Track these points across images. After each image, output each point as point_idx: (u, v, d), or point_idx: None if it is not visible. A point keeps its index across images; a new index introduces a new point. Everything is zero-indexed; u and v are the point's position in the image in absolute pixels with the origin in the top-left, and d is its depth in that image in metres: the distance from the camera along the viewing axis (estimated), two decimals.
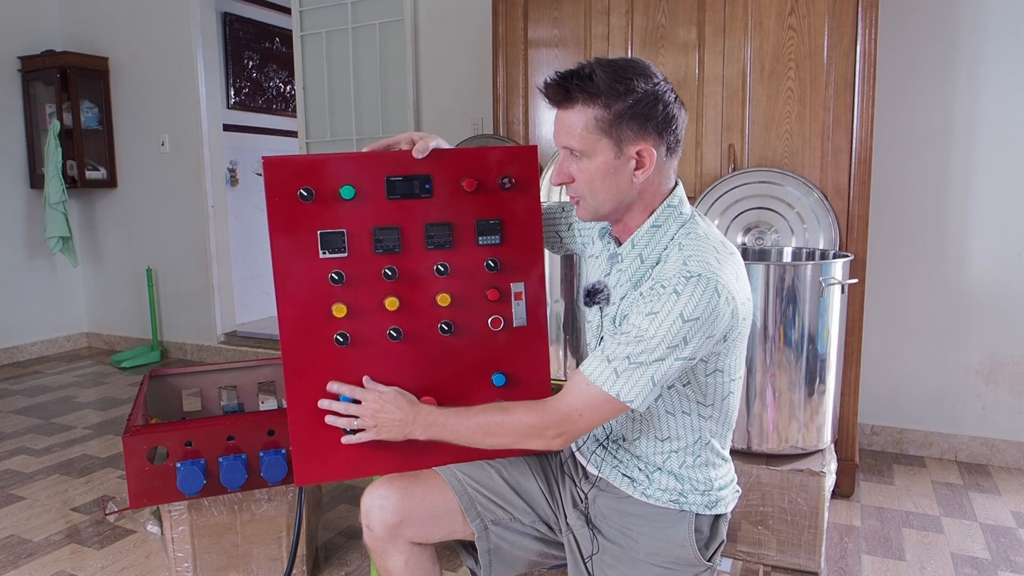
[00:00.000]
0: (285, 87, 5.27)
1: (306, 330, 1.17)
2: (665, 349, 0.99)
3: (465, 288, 1.22)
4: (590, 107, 1.04)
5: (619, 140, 1.04)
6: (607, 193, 1.08)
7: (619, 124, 1.03)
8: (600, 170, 1.06)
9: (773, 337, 1.90)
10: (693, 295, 0.98)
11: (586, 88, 1.03)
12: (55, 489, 2.44)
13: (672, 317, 0.98)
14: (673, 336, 0.98)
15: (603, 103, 1.03)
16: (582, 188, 1.09)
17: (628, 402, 1.01)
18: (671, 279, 1.00)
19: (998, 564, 1.92)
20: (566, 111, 1.06)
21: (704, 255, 1.02)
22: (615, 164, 1.06)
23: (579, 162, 1.08)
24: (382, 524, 1.17)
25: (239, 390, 2.13)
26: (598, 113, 1.03)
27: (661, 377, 1.00)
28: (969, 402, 2.64)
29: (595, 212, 1.12)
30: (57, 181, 4.09)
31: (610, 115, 1.03)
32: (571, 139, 1.06)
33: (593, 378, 1.03)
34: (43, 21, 4.33)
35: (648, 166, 1.06)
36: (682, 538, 1.13)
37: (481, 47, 3.14)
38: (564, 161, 1.10)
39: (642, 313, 1.01)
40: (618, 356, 1.01)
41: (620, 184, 1.07)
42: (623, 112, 1.03)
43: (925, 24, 2.54)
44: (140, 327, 4.47)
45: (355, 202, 1.17)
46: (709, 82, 2.40)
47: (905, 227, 2.64)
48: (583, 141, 1.05)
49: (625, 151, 1.05)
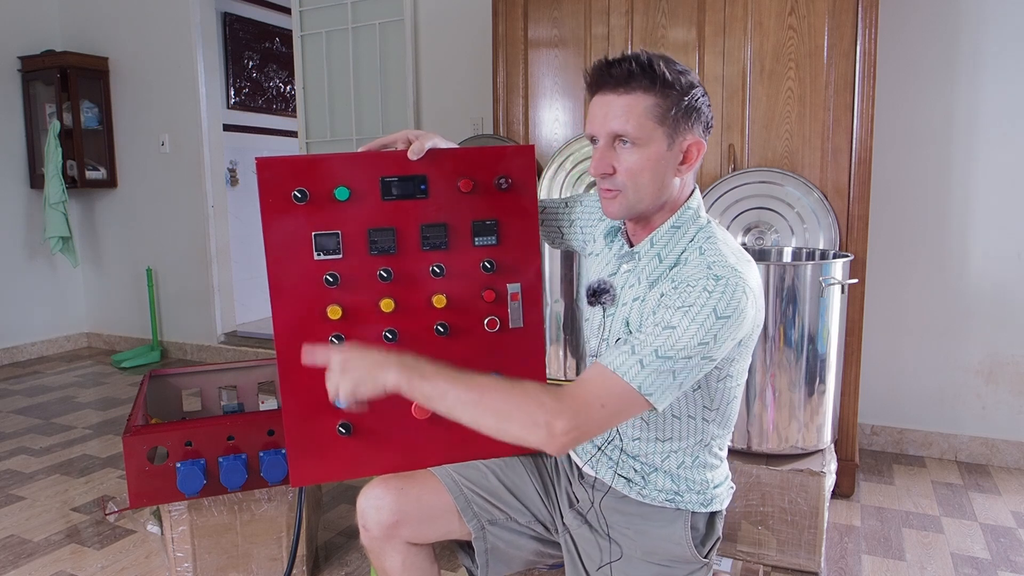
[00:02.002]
0: (285, 87, 5.27)
1: (301, 332, 1.17)
2: (696, 345, 0.95)
3: (461, 289, 1.21)
4: (649, 94, 1.01)
5: (673, 132, 1.03)
6: (651, 186, 1.05)
7: (676, 115, 1.02)
8: (651, 160, 1.03)
9: (773, 337, 1.90)
10: (724, 294, 0.96)
11: (648, 74, 1.00)
12: (55, 489, 2.44)
13: (706, 312, 0.95)
14: (705, 332, 0.95)
15: (662, 92, 1.01)
16: (625, 180, 1.04)
17: (649, 396, 0.95)
18: (699, 279, 0.99)
19: (998, 564, 1.92)
20: (620, 96, 1.01)
21: (727, 259, 1.01)
22: (666, 156, 1.04)
23: (627, 151, 1.03)
24: (378, 524, 1.17)
25: (239, 390, 2.13)
26: (657, 101, 1.01)
27: (683, 376, 0.97)
28: (969, 402, 2.64)
29: (633, 207, 1.07)
30: (57, 181, 4.09)
31: (668, 105, 1.01)
32: (626, 125, 1.01)
33: (615, 367, 0.96)
34: (43, 21, 4.33)
35: (694, 161, 1.05)
36: (678, 536, 1.13)
37: (481, 47, 3.14)
38: (605, 151, 1.04)
39: (672, 307, 0.98)
40: (644, 347, 0.96)
41: (665, 178, 1.05)
42: (680, 104, 1.02)
43: (925, 24, 2.54)
44: (140, 327, 4.47)
45: (350, 203, 1.16)
46: (709, 82, 2.40)
47: (905, 227, 2.64)
48: (640, 128, 1.01)
49: (677, 144, 1.04)
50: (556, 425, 0.92)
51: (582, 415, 0.94)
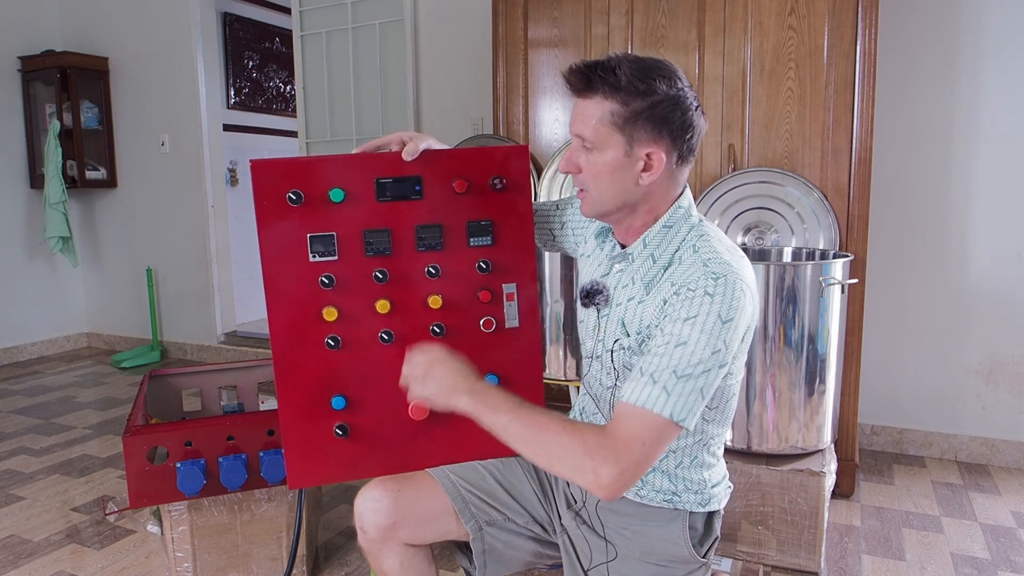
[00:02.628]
0: (285, 87, 5.27)
1: (297, 334, 1.17)
2: (710, 355, 0.95)
3: (457, 290, 1.21)
4: (608, 100, 1.02)
5: (631, 139, 1.03)
6: (611, 190, 1.06)
7: (634, 123, 1.02)
8: (608, 166, 1.04)
9: (773, 337, 1.90)
10: (725, 295, 0.97)
11: (608, 80, 1.01)
12: (55, 489, 2.44)
13: (712, 319, 0.96)
14: (716, 340, 0.95)
15: (622, 99, 1.01)
16: (588, 181, 1.07)
17: (681, 421, 0.94)
18: (698, 282, 0.99)
19: (998, 564, 1.92)
20: (585, 100, 1.04)
21: (722, 256, 1.02)
22: (623, 162, 1.04)
23: (589, 154, 1.05)
24: (375, 526, 1.17)
25: (239, 390, 2.13)
26: (615, 108, 1.01)
27: (708, 388, 0.96)
28: (969, 402, 2.63)
29: (598, 208, 1.10)
30: (57, 181, 4.09)
31: (626, 112, 1.01)
32: (584, 129, 1.04)
33: (642, 403, 0.94)
34: (43, 21, 4.33)
35: (655, 170, 1.04)
36: (677, 536, 1.13)
37: (481, 47, 3.14)
38: (575, 151, 1.08)
39: (678, 320, 0.97)
40: (663, 371, 0.95)
41: (625, 184, 1.06)
42: (640, 112, 1.01)
43: (925, 24, 2.54)
44: (140, 327, 4.47)
45: (345, 205, 1.16)
46: (709, 82, 2.39)
47: (905, 227, 2.64)
48: (596, 133, 1.03)
49: (635, 151, 1.03)
50: (602, 473, 0.92)
51: (624, 457, 0.93)
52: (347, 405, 1.20)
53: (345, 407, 1.20)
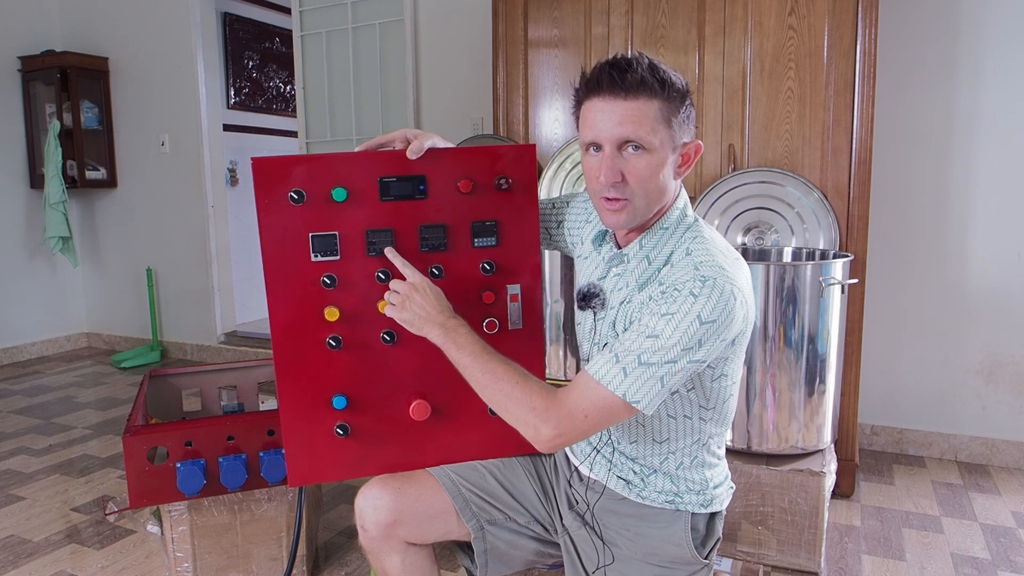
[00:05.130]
0: (285, 87, 5.27)
1: (298, 334, 1.16)
2: (679, 351, 0.95)
3: (460, 291, 1.20)
4: (655, 99, 1.00)
5: (676, 134, 1.03)
6: (656, 191, 1.04)
7: (677, 118, 1.02)
8: (660, 165, 1.02)
9: (773, 337, 1.90)
10: (711, 298, 0.96)
11: (656, 78, 1.00)
12: (55, 489, 2.44)
13: (689, 319, 0.95)
14: (689, 338, 0.95)
15: (666, 96, 1.00)
16: (635, 187, 1.02)
17: (635, 403, 0.96)
18: (686, 282, 0.98)
19: (998, 564, 1.92)
20: (628, 101, 0.99)
21: (715, 259, 1.01)
22: (670, 160, 1.04)
23: (636, 157, 1.01)
24: (376, 524, 1.17)
25: (239, 390, 2.13)
26: (662, 105, 1.00)
27: (671, 380, 0.97)
28: (969, 402, 2.63)
29: (642, 215, 1.05)
30: (57, 181, 4.09)
31: (670, 108, 1.01)
32: (639, 130, 0.99)
33: (599, 377, 0.98)
34: (43, 21, 4.33)
35: (692, 162, 1.06)
36: (679, 537, 1.12)
37: (481, 47, 3.14)
38: (613, 159, 1.01)
39: (656, 314, 0.97)
40: (628, 354, 0.97)
41: (667, 182, 1.05)
42: (680, 106, 1.02)
43: (925, 24, 2.54)
44: (140, 327, 4.47)
45: (347, 204, 1.15)
46: (709, 82, 2.40)
47: (905, 227, 2.64)
48: (653, 133, 1.00)
49: (679, 147, 1.04)
50: (542, 430, 0.99)
51: (565, 423, 0.99)
52: (348, 405, 1.20)
53: (346, 407, 1.20)
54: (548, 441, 0.99)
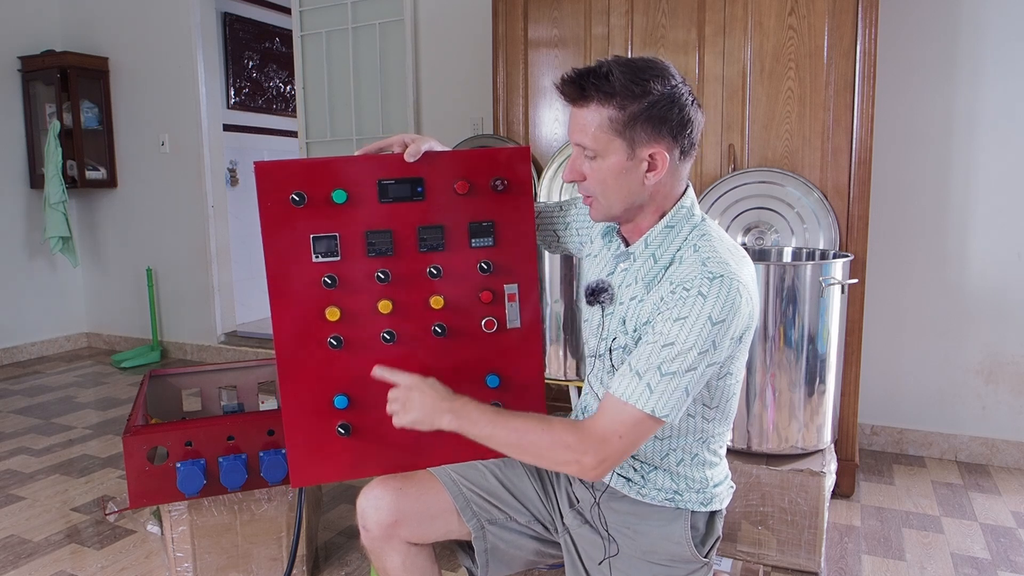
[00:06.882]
0: (285, 87, 5.27)
1: (300, 334, 1.17)
2: (696, 355, 0.98)
3: (458, 290, 1.22)
4: (605, 107, 1.02)
5: (632, 142, 1.03)
6: (618, 194, 1.07)
7: (633, 126, 1.02)
8: (612, 171, 1.05)
9: (773, 337, 1.90)
10: (719, 296, 0.98)
11: (602, 87, 1.01)
12: (55, 489, 2.44)
13: (702, 321, 0.97)
14: (704, 341, 0.97)
15: (618, 104, 1.01)
16: (593, 187, 1.08)
17: (664, 416, 0.99)
18: (694, 281, 1.00)
19: (998, 564, 1.92)
20: (581, 109, 1.04)
21: (721, 256, 1.02)
22: (627, 166, 1.04)
23: (591, 161, 1.06)
24: (377, 524, 1.17)
25: (239, 390, 2.13)
26: (612, 114, 1.02)
27: (693, 386, 0.99)
28: (969, 402, 2.64)
29: (607, 212, 1.11)
30: (57, 181, 4.09)
31: (624, 116, 1.01)
32: (584, 138, 1.04)
33: (625, 397, 1.00)
34: (43, 21, 4.33)
35: (660, 169, 1.05)
36: (679, 536, 1.13)
37: (481, 47, 3.14)
38: (576, 159, 1.09)
39: (669, 319, 0.99)
40: (649, 368, 0.99)
41: (631, 186, 1.06)
42: (638, 114, 1.01)
43: (925, 24, 2.54)
44: (140, 327, 4.47)
45: (347, 206, 1.17)
46: (709, 82, 2.40)
47: (905, 227, 2.64)
48: (596, 141, 1.04)
49: (638, 153, 1.04)
50: (584, 461, 1.00)
51: (603, 448, 1.01)
52: (349, 404, 1.20)
53: (347, 406, 1.20)
54: (594, 469, 1.00)
